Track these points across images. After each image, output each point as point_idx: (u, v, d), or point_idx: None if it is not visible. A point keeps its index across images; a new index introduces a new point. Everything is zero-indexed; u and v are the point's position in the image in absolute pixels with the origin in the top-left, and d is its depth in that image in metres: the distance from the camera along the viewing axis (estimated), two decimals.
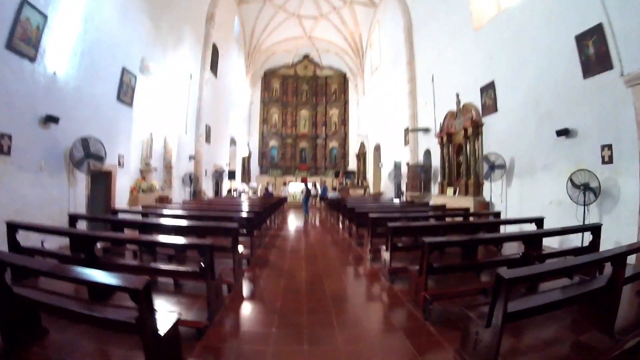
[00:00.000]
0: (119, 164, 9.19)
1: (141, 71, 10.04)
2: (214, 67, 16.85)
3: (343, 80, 28.14)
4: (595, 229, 5.00)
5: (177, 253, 5.36)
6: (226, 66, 19.46)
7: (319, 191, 20.33)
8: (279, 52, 25.67)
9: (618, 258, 3.01)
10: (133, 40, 9.59)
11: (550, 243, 6.53)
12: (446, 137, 12.02)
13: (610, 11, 6.25)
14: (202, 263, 3.42)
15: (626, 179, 6.06)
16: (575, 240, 6.34)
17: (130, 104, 9.51)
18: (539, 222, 6.14)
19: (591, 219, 6.44)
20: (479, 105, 10.55)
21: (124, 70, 9.03)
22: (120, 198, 9.31)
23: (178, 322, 2.51)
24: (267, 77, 28.16)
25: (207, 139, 16.19)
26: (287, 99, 28.57)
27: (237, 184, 22.34)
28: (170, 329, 2.36)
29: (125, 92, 9.02)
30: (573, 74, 7.03)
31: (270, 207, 11.10)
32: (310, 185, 18.82)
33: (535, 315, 2.82)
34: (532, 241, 4.43)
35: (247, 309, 4.12)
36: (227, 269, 4.43)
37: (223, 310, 3.76)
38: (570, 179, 6.58)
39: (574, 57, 6.96)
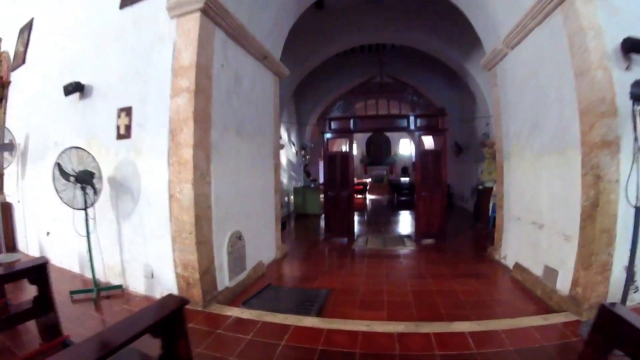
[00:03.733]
0: None
1: None
2: None
3: None
4: (37, 272, 2.65)
5: None
6: None
7: None
8: None
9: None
10: None
11: None
12: None
13: None
14: None
15: (147, 161, 3.94)
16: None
17: None
18: None
19: (104, 230, 4.27)
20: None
21: None
22: None
23: None
24: None
25: None
26: None
27: None
28: None
29: None
30: (111, 4, 4.44)
31: None
32: None
33: None
34: None
35: None
36: None
37: None
38: (58, 165, 3.72)
39: None
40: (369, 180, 18.08)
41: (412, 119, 6.63)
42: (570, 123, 3.39)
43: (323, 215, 8.19)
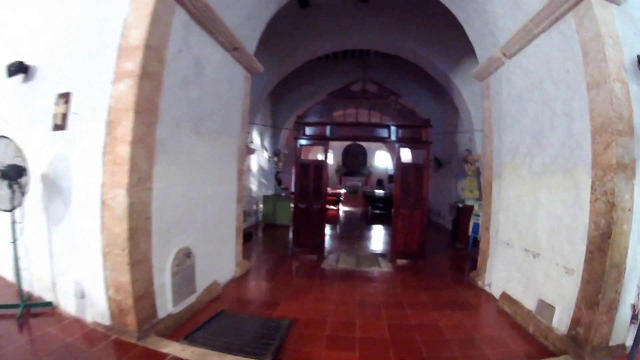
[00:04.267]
0: None
1: None
2: None
3: None
4: None
5: None
6: None
7: None
8: None
9: None
10: None
11: None
12: None
13: None
14: None
15: (80, 158, 3.21)
16: None
17: None
18: None
19: (34, 236, 3.51)
20: None
21: None
22: None
23: None
24: None
25: None
26: None
27: None
28: None
29: None
30: None
31: None
32: None
33: None
34: None
35: None
36: None
37: None
38: None
39: None
40: (343, 191, 17.66)
41: (393, 129, 6.15)
42: (579, 140, 2.97)
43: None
